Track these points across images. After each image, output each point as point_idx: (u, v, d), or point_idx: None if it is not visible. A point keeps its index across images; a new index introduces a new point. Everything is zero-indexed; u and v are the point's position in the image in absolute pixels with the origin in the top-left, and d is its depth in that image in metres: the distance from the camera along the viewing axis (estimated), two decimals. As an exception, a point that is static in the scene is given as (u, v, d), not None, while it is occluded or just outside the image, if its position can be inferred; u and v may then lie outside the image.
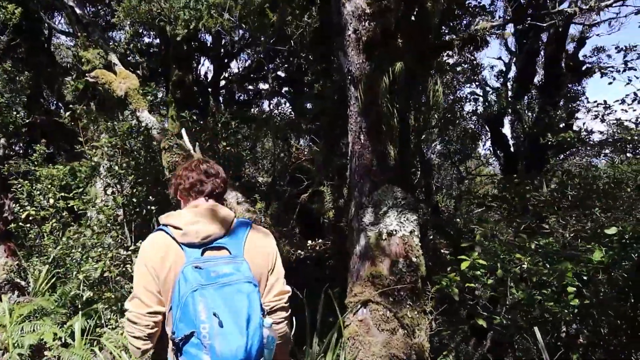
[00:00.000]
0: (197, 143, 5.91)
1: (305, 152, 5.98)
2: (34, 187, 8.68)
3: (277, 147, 11.75)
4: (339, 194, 5.89)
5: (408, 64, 4.29)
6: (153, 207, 6.17)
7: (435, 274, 4.97)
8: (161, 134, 5.60)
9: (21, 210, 8.49)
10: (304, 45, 7.33)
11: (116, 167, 5.85)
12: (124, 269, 6.44)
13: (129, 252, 5.89)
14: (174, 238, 1.86)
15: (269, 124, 11.04)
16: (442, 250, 5.77)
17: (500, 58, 16.87)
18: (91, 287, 7.43)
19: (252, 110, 16.58)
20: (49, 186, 8.73)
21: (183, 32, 11.22)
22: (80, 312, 7.46)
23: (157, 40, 14.56)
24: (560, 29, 11.37)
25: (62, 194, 8.47)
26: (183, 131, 5.97)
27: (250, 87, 17.55)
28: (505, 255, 4.98)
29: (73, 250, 7.84)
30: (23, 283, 9.23)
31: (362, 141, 4.65)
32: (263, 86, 16.72)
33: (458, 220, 11.89)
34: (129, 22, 11.05)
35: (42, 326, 7.13)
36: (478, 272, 4.78)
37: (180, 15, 10.96)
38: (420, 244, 4.67)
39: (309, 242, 5.78)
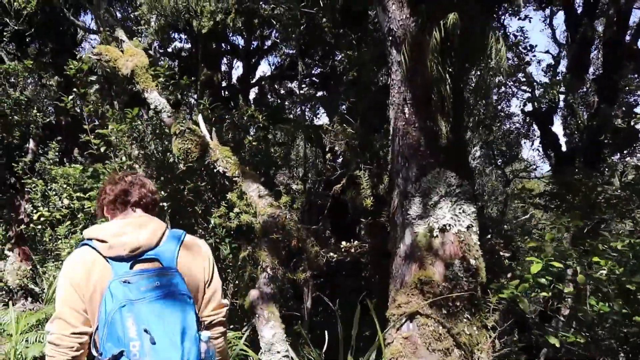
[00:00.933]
0: (213, 129, 5.19)
1: (339, 136, 5.21)
2: (48, 187, 8.17)
3: (311, 152, 11.01)
4: (378, 183, 5.06)
5: (465, 15, 3.41)
6: (165, 204, 5.44)
7: (493, 281, 4.07)
8: (172, 117, 4.87)
9: (34, 211, 7.94)
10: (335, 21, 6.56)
11: (124, 158, 5.17)
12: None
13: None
14: (99, 252, 1.71)
15: (301, 126, 10.31)
16: (500, 253, 4.85)
17: (548, 52, 15.68)
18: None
19: (285, 114, 15.95)
20: (64, 186, 8.19)
21: (209, 25, 10.66)
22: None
23: (185, 39, 14.03)
24: (620, 13, 10.23)
25: (79, 194, 7.88)
26: (199, 117, 5.26)
27: (282, 90, 16.95)
28: (583, 258, 4.01)
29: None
30: (37, 289, 8.74)
31: (407, 116, 3.79)
32: (295, 88, 16.06)
33: (506, 226, 10.86)
34: (154, 18, 10.57)
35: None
36: (543, 280, 3.82)
37: (206, 7, 10.41)
38: (479, 243, 3.76)
39: (343, 243, 4.92)
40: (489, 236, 5.15)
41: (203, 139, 4.87)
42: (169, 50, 14.46)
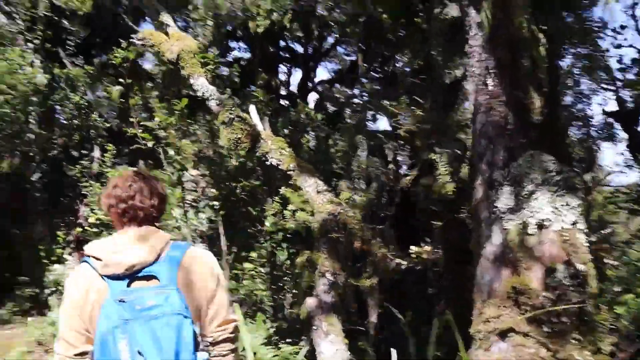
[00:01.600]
0: (266, 118, 4.74)
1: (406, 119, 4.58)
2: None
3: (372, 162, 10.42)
4: (458, 168, 4.35)
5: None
6: (216, 203, 5.02)
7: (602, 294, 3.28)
8: (220, 105, 4.44)
9: (91, 213, 7.83)
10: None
11: (171, 152, 4.80)
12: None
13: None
14: (95, 270, 1.61)
15: (362, 131, 9.76)
16: (605, 260, 4.02)
17: (632, 46, 14.20)
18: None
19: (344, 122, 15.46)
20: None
21: (265, 24, 10.36)
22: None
23: (243, 47, 13.88)
24: None
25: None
26: (252, 107, 4.81)
27: (341, 97, 16.47)
28: None
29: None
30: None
31: (490, 88, 3.12)
32: (354, 92, 15.50)
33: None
34: (211, 24, 10.42)
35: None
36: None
37: (261, 5, 10.12)
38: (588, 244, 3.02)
39: (413, 248, 4.26)
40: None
41: (254, 129, 4.40)
42: (229, 59, 14.35)
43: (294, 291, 6.43)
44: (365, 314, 4.14)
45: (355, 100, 15.37)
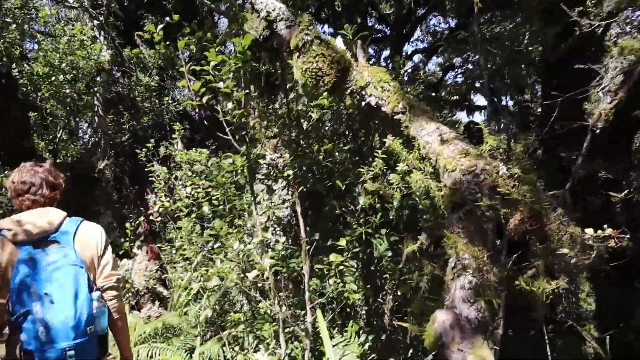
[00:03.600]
0: (358, 43, 3.29)
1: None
2: (172, 175, 7.04)
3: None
4: None
5: None
6: (290, 175, 3.65)
7: None
8: (292, 27, 3.04)
9: (157, 201, 6.83)
10: None
11: (231, 106, 3.48)
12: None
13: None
14: (7, 238, 2.19)
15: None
16: None
17: None
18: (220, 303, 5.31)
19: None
20: (189, 173, 7.00)
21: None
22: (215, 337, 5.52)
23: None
24: None
25: (203, 182, 6.59)
26: (338, 38, 3.38)
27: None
28: None
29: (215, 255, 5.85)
30: (165, 292, 7.69)
31: None
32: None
33: None
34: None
35: (163, 351, 5.14)
36: None
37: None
38: None
39: (589, 231, 2.56)
40: None
41: (341, 55, 2.95)
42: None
43: (397, 293, 4.92)
44: (527, 335, 2.54)
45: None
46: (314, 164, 3.99)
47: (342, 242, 3.77)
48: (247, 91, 3.79)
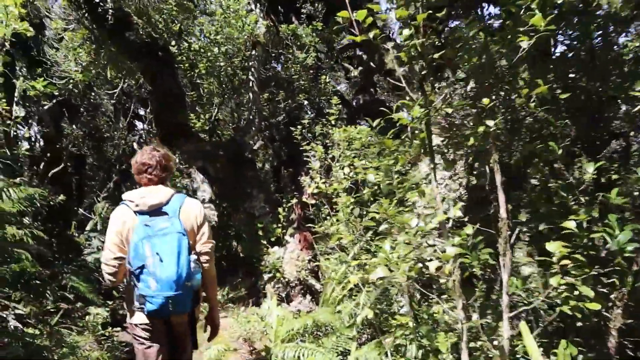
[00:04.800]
0: None
1: None
2: (329, 155, 6.31)
3: None
4: None
5: None
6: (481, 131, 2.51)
7: None
8: None
9: (312, 183, 6.13)
10: None
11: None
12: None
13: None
14: (130, 208, 2.81)
15: None
16: None
17: None
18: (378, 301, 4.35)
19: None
20: (347, 152, 6.20)
21: None
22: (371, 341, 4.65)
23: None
24: None
25: (364, 162, 5.75)
26: None
27: None
28: None
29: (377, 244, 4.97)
30: (317, 286, 6.97)
31: None
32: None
33: None
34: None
35: (312, 353, 4.37)
36: None
37: None
38: None
39: None
40: None
41: None
42: None
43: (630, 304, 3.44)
44: None
45: None
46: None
47: (570, 225, 2.53)
48: (429, 12, 2.76)
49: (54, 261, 6.88)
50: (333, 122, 6.61)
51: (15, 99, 7.11)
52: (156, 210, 2.77)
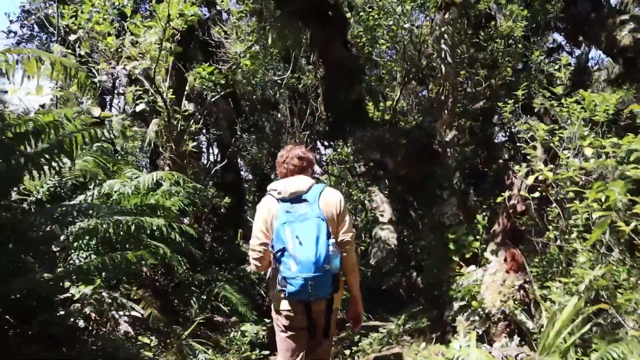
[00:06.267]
0: None
1: None
2: (555, 136, 4.39)
3: None
4: None
5: None
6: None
7: None
8: None
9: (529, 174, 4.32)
10: None
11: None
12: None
13: None
14: (274, 197, 3.00)
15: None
16: None
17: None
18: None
19: None
20: (584, 130, 4.28)
21: None
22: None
23: None
24: None
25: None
26: None
27: None
28: None
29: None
30: (530, 324, 4.89)
31: None
32: None
33: None
34: None
35: None
36: None
37: None
38: None
39: None
40: None
41: None
42: None
43: None
44: None
45: None
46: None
47: None
48: None
49: (209, 267, 6.11)
50: (561, 91, 4.67)
51: (186, 92, 6.75)
52: (297, 198, 2.95)
